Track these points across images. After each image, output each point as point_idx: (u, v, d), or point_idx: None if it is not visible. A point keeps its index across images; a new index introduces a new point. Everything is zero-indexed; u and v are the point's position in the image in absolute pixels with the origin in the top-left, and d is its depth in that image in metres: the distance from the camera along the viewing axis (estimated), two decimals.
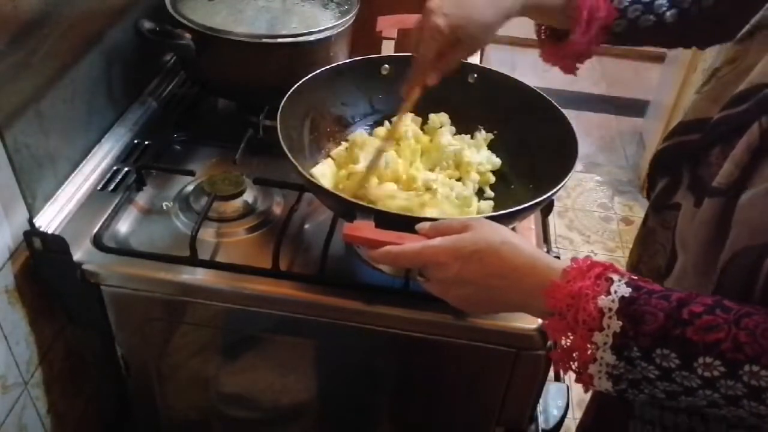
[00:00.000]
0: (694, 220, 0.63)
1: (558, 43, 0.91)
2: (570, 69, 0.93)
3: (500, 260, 0.64)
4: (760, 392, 0.53)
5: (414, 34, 0.86)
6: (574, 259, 0.61)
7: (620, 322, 0.56)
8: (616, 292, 0.57)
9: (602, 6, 0.85)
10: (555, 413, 0.97)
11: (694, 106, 0.70)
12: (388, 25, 1.10)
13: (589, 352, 0.58)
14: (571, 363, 0.60)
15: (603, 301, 0.57)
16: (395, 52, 1.09)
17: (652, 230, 0.74)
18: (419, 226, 0.72)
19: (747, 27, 0.67)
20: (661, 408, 0.72)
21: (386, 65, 1.05)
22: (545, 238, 1.02)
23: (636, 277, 0.59)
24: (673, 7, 0.85)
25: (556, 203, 0.97)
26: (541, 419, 0.98)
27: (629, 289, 0.57)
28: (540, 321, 0.87)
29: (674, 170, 0.69)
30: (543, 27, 0.94)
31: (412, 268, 0.83)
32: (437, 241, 0.68)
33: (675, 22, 0.86)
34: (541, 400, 0.98)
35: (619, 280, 0.58)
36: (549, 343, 0.88)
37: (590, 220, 2.58)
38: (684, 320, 0.54)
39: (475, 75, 1.05)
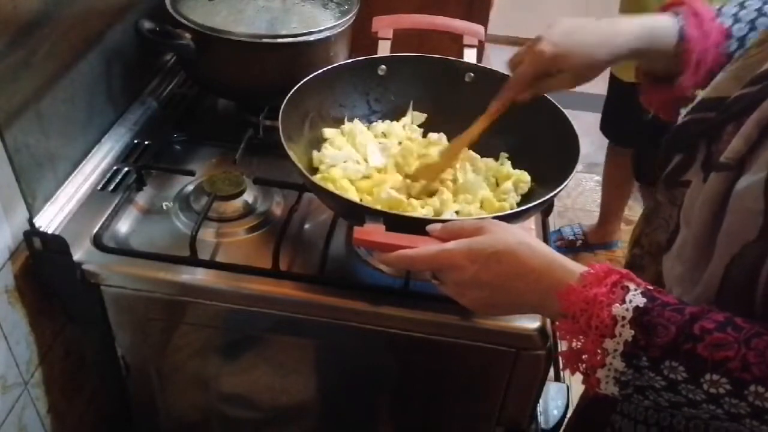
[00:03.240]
0: (700, 196, 0.63)
1: (661, 87, 0.86)
2: (670, 114, 0.87)
3: (517, 261, 0.64)
4: (763, 413, 0.53)
5: (517, 54, 0.86)
6: (591, 264, 0.61)
7: (632, 332, 0.56)
8: (630, 301, 0.57)
9: (711, 51, 0.81)
10: (555, 413, 0.97)
11: (717, 84, 0.70)
12: (384, 26, 1.10)
13: (598, 357, 0.58)
14: (580, 365, 0.60)
15: (617, 309, 0.57)
16: (393, 52, 1.09)
17: (659, 205, 0.74)
18: (430, 227, 0.72)
19: None
20: (645, 407, 0.72)
21: (383, 66, 1.05)
22: (545, 238, 1.02)
23: (652, 288, 0.59)
24: None
25: (556, 203, 0.97)
26: (541, 419, 0.98)
27: (644, 300, 0.57)
28: (540, 322, 0.87)
29: (690, 147, 0.69)
30: (643, 70, 0.90)
31: (427, 272, 0.83)
32: (452, 243, 0.68)
33: None
34: (541, 400, 0.98)
35: (635, 290, 0.59)
36: (549, 343, 0.88)
37: (590, 220, 2.58)
38: (695, 335, 0.55)
39: (472, 74, 1.05)
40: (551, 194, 0.83)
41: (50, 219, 0.95)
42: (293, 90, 0.95)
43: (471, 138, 0.94)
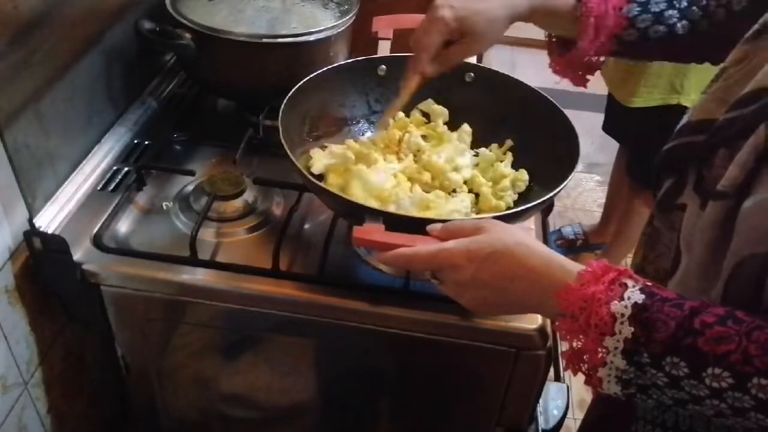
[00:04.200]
0: (699, 223, 0.63)
1: (565, 53, 0.90)
2: (580, 81, 0.92)
3: (515, 261, 0.64)
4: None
5: (419, 26, 0.88)
6: (588, 263, 0.61)
7: (632, 329, 0.56)
8: (629, 298, 0.57)
9: (611, 14, 0.84)
10: (555, 413, 0.97)
11: (700, 107, 0.69)
12: (384, 26, 1.10)
13: (599, 356, 0.58)
14: (581, 365, 0.60)
15: (616, 306, 0.57)
16: (392, 52, 1.09)
17: (658, 231, 0.74)
18: (430, 227, 0.72)
19: (755, 27, 0.67)
20: (665, 410, 0.72)
21: (383, 66, 1.05)
22: (545, 239, 1.02)
23: (650, 284, 0.59)
24: (683, 18, 0.84)
25: (556, 203, 0.97)
26: (541, 419, 0.98)
27: (643, 296, 0.57)
28: (540, 322, 0.87)
29: (680, 170, 0.69)
30: (552, 37, 0.94)
31: (426, 271, 0.83)
32: (452, 243, 0.67)
33: (686, 35, 0.84)
34: (541, 400, 0.98)
35: (633, 286, 0.58)
36: (549, 343, 0.88)
37: (590, 220, 2.58)
38: (695, 330, 0.55)
39: (472, 74, 1.05)
40: (551, 194, 0.83)
41: (50, 219, 0.95)
42: (293, 90, 0.95)
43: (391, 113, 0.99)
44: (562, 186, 0.83)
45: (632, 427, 0.76)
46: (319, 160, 0.97)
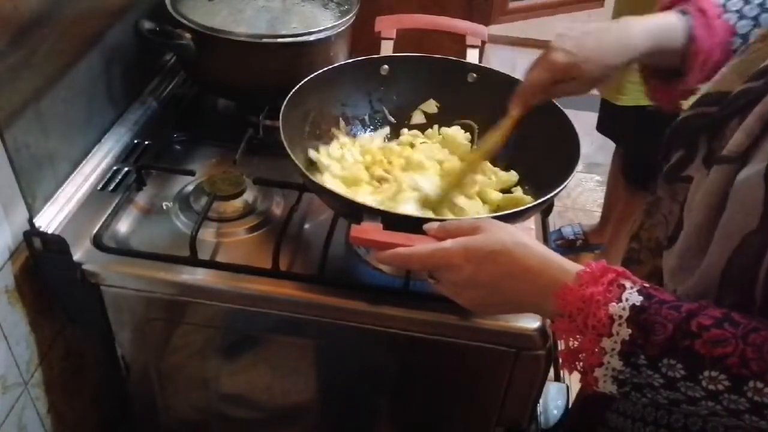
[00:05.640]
0: (701, 187, 0.63)
1: (667, 83, 0.87)
2: (674, 106, 0.88)
3: (513, 261, 0.64)
4: (763, 408, 0.53)
5: (533, 62, 0.87)
6: (587, 263, 0.61)
7: (630, 330, 0.56)
8: (627, 299, 0.57)
9: (716, 50, 0.82)
10: (555, 413, 0.97)
11: (718, 80, 0.69)
12: (387, 26, 1.10)
13: (596, 357, 0.58)
14: (577, 364, 0.60)
15: (614, 308, 0.57)
16: (394, 52, 1.09)
17: (659, 200, 0.74)
18: (427, 226, 0.72)
19: None
20: (642, 405, 0.72)
21: (385, 65, 1.05)
22: (545, 239, 1.02)
23: (648, 285, 0.59)
24: None
25: (556, 203, 0.97)
26: (541, 419, 0.98)
27: (641, 298, 0.57)
28: (540, 322, 0.87)
29: (691, 142, 0.69)
30: (647, 67, 0.90)
31: (423, 270, 0.83)
32: (449, 243, 0.67)
33: None
34: (541, 400, 0.98)
35: (632, 288, 0.58)
36: (549, 343, 0.88)
37: (590, 220, 2.58)
38: (692, 332, 0.55)
39: (475, 75, 1.05)
40: (551, 194, 0.83)
41: (50, 219, 0.95)
42: (294, 90, 0.95)
43: (494, 145, 0.93)
44: (562, 186, 0.83)
45: (611, 423, 0.77)
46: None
